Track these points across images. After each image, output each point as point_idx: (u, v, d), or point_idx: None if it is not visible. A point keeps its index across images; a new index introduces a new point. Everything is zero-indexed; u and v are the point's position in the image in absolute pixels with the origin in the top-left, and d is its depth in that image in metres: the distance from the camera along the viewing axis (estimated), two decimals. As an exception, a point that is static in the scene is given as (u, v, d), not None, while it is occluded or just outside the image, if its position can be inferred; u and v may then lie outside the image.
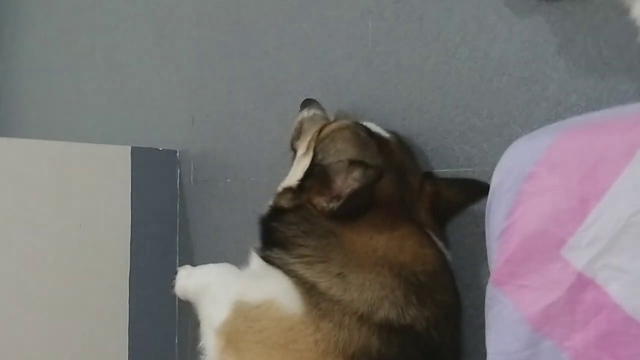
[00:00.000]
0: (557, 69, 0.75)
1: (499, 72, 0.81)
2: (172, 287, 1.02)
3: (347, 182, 0.80)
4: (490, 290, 0.63)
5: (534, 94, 0.77)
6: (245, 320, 0.85)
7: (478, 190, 0.84)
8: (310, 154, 0.90)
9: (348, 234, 0.81)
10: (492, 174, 0.71)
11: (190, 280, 0.98)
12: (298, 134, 1.00)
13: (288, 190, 0.89)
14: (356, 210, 0.79)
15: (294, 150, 1.00)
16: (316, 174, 0.84)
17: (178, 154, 1.51)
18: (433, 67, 0.89)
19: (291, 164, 0.99)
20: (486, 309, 0.64)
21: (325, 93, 1.04)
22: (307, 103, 1.03)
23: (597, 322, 0.54)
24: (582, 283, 0.54)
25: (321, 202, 0.82)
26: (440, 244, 0.85)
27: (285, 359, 0.79)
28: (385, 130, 0.93)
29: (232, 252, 1.27)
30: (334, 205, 0.80)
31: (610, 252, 0.53)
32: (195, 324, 0.95)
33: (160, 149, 1.51)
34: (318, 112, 1.01)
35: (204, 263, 1.22)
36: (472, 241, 0.82)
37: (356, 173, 0.79)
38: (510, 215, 0.60)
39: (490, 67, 0.82)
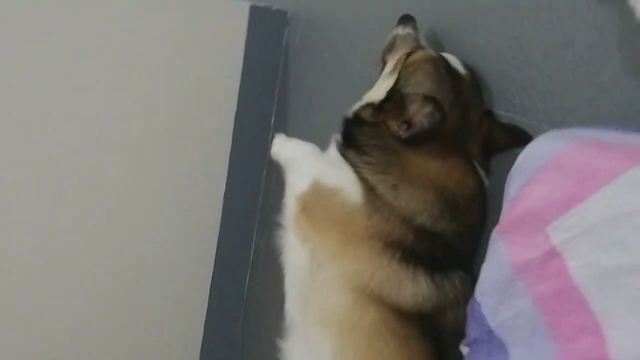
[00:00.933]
0: (613, 60, 0.87)
1: (567, 45, 0.93)
2: (269, 149, 1.29)
3: (418, 116, 0.99)
4: (494, 234, 0.85)
5: (586, 76, 0.90)
6: (318, 197, 1.12)
7: (522, 140, 1.00)
8: (395, 76, 1.08)
9: (409, 156, 1.02)
10: (537, 128, 0.90)
11: (282, 150, 1.24)
12: (390, 49, 1.16)
13: (370, 105, 1.08)
14: (420, 139, 0.99)
15: (384, 62, 1.17)
16: (394, 100, 1.02)
17: (288, 15, 1.67)
18: (517, 19, 1.01)
19: (379, 75, 1.17)
20: (489, 244, 0.87)
21: (421, 9, 1.16)
22: (405, 20, 1.16)
23: (555, 282, 0.76)
24: (554, 253, 0.76)
25: (393, 125, 1.02)
26: (482, 174, 1.05)
27: (340, 233, 1.07)
28: (463, 64, 1.07)
29: (319, 121, 1.50)
30: (403, 132, 1.00)
31: (579, 240, 0.74)
32: (281, 183, 1.23)
33: (274, 8, 1.67)
34: (412, 32, 1.14)
35: (294, 126, 1.48)
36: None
37: (427, 109, 0.97)
38: (522, 189, 0.80)
39: (562, 37, 0.94)
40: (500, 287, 0.83)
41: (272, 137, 1.32)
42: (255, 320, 1.86)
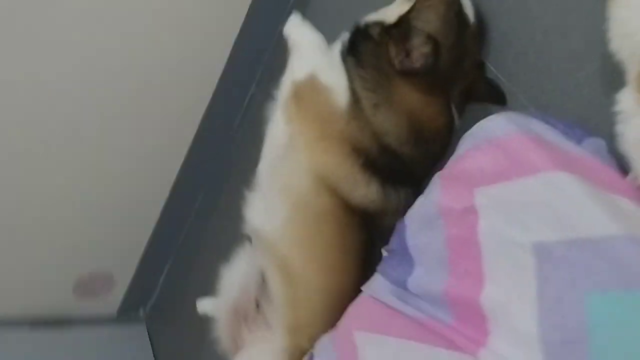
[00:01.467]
0: (592, 61, 0.97)
1: (565, 34, 1.02)
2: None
3: (417, 51, 1.09)
4: (436, 176, 1.02)
5: (568, 70, 1.01)
6: (311, 89, 1.25)
7: (498, 100, 1.14)
8: (411, 4, 1.16)
9: (397, 83, 1.14)
10: (514, 96, 1.03)
11: (294, 31, 1.34)
12: None
13: (380, 24, 1.17)
14: (411, 74, 1.11)
15: None
16: (402, 28, 1.12)
17: None
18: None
19: None
20: (430, 182, 1.04)
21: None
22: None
23: (465, 231, 0.94)
24: (472, 210, 0.93)
25: (393, 51, 1.12)
26: (455, 116, 1.19)
27: (319, 128, 1.22)
28: (476, 13, 1.15)
29: (336, 12, 1.56)
30: (399, 61, 1.11)
31: (494, 208, 0.91)
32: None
33: None
34: None
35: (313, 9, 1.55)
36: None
37: (426, 49, 1.08)
38: (467, 151, 0.96)
39: (564, 25, 1.03)
40: (425, 218, 1.01)
41: (290, 11, 1.39)
42: (242, 154, 2.03)
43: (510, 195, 0.87)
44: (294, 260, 1.26)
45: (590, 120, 0.95)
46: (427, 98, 1.13)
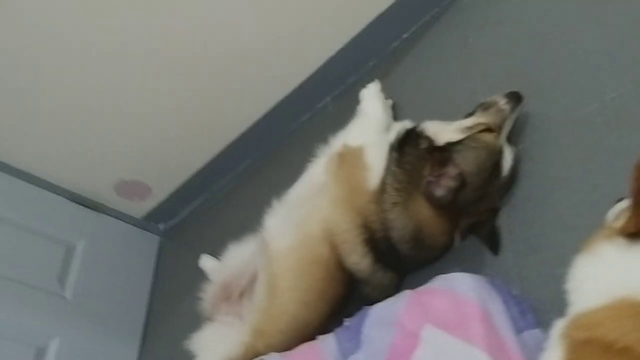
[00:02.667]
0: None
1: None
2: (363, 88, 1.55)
3: (444, 182, 1.26)
4: (407, 291, 1.21)
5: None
6: (356, 159, 1.42)
7: (493, 249, 1.30)
8: (462, 137, 1.31)
9: (418, 195, 1.30)
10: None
11: (368, 99, 1.52)
12: (485, 108, 1.35)
13: (430, 140, 1.33)
14: (430, 197, 1.27)
15: (471, 113, 1.38)
16: (443, 156, 1.28)
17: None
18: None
19: (460, 118, 1.37)
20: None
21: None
22: (512, 97, 1.34)
23: (407, 346, 1.13)
24: (417, 337, 1.13)
25: (427, 171, 1.28)
26: (456, 239, 1.35)
27: (346, 193, 1.40)
28: (512, 167, 1.30)
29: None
30: (427, 182, 1.27)
31: (430, 346, 1.10)
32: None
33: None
34: (507, 109, 1.32)
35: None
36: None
37: (452, 184, 1.24)
38: (438, 290, 1.15)
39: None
40: (383, 319, 1.21)
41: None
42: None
43: (445, 345, 1.06)
44: (281, 282, 1.48)
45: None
46: (437, 219, 1.29)
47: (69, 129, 2.15)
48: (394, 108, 1.76)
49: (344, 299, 1.44)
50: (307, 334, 1.44)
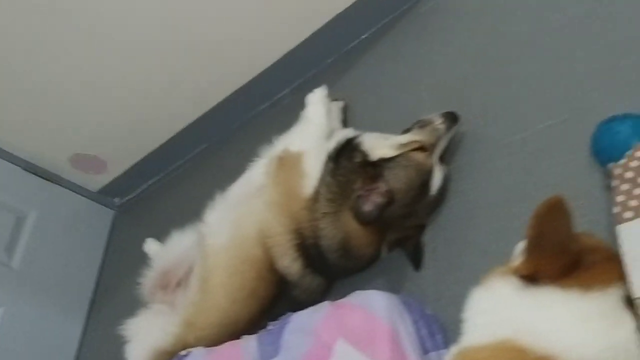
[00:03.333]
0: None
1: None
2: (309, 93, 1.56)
3: (373, 198, 1.28)
4: (328, 303, 1.25)
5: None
6: (294, 164, 1.44)
7: (415, 265, 1.34)
8: (396, 154, 1.33)
9: (348, 208, 1.34)
10: None
11: (312, 106, 1.53)
12: (420, 126, 1.37)
13: (364, 155, 1.35)
14: (357, 213, 1.29)
15: (408, 129, 1.40)
16: (374, 172, 1.30)
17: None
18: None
19: (406, 125, 1.39)
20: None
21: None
22: (448, 118, 1.36)
23: (321, 357, 1.18)
24: (331, 349, 1.16)
25: (358, 185, 1.31)
26: (384, 252, 1.39)
27: (282, 198, 1.42)
28: (441, 187, 1.33)
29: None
30: (356, 197, 1.29)
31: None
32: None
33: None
34: (442, 129, 1.35)
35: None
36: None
37: (380, 200, 1.27)
38: (355, 306, 1.18)
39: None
40: (303, 327, 1.25)
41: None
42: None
43: (354, 361, 1.10)
44: (215, 278, 1.51)
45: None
46: (365, 232, 1.32)
47: (27, 98, 2.13)
48: (345, 109, 1.77)
49: (274, 299, 1.48)
50: (237, 329, 1.47)
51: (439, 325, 1.17)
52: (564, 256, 0.85)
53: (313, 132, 1.46)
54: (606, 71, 1.19)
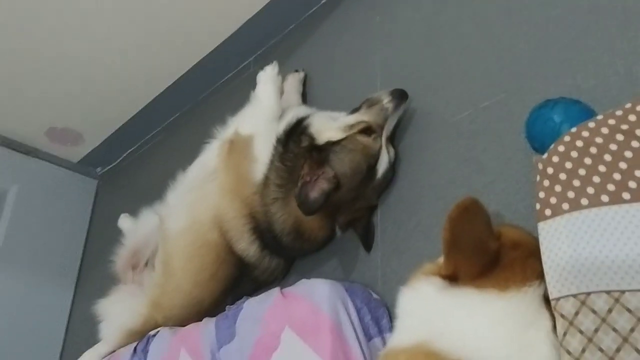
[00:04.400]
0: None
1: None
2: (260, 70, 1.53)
3: (319, 182, 1.27)
4: (277, 289, 1.26)
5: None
6: (244, 148, 1.43)
7: (366, 246, 1.34)
8: (344, 136, 1.31)
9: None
10: None
11: (262, 85, 1.50)
12: (369, 105, 1.35)
13: (311, 139, 1.33)
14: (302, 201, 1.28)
15: (357, 108, 1.37)
16: (321, 157, 1.28)
17: None
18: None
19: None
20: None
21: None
22: (396, 96, 1.33)
23: (268, 346, 1.20)
24: (278, 338, 1.19)
25: (305, 168, 1.29)
26: (338, 233, 1.39)
27: (234, 183, 1.42)
28: (387, 170, 1.31)
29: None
30: (302, 184, 1.28)
31: (287, 350, 1.17)
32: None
33: None
34: (391, 108, 1.32)
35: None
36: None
37: (326, 186, 1.25)
38: (302, 295, 1.19)
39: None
40: (253, 314, 1.27)
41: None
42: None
43: (298, 351, 1.13)
44: (175, 262, 1.53)
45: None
46: (315, 216, 1.32)
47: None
48: (305, 81, 1.74)
49: (236, 279, 1.50)
50: (202, 309, 1.51)
51: (385, 309, 1.18)
52: (481, 256, 0.84)
53: (263, 114, 1.44)
54: (546, 50, 1.15)
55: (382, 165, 1.29)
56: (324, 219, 1.33)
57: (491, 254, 0.85)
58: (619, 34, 1.05)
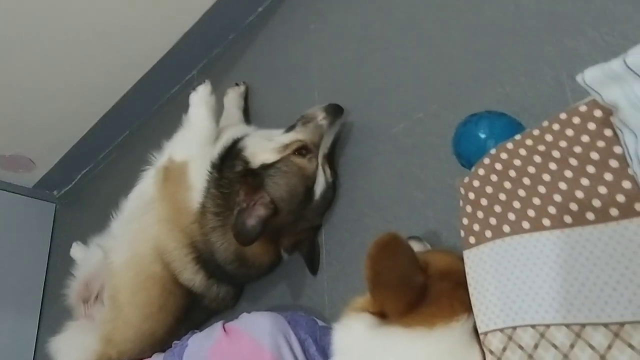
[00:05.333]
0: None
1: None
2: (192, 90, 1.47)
3: (254, 209, 1.22)
4: (220, 323, 1.21)
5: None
6: (179, 176, 1.37)
7: (311, 269, 1.30)
8: (278, 158, 1.26)
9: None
10: None
11: (195, 107, 1.43)
12: (304, 122, 1.29)
13: (245, 163, 1.27)
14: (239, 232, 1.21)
15: (293, 126, 1.32)
16: (256, 182, 1.23)
17: None
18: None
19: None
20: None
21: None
22: (330, 112, 1.28)
23: None
24: None
25: (241, 196, 1.24)
26: (285, 256, 1.34)
27: (172, 212, 1.36)
28: (325, 191, 1.26)
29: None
30: (237, 209, 1.23)
31: None
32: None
33: None
34: (325, 125, 1.28)
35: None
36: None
37: (262, 213, 1.20)
38: (243, 331, 1.15)
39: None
40: (197, 354, 1.22)
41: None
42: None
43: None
44: (122, 296, 1.47)
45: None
46: (257, 242, 1.27)
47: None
48: (247, 94, 1.69)
49: (186, 309, 1.45)
50: (157, 340, 1.46)
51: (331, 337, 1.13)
52: (406, 292, 0.80)
53: (196, 138, 1.38)
54: (476, 58, 1.11)
55: (320, 186, 1.24)
56: (267, 244, 1.28)
57: (417, 288, 0.80)
58: (546, 38, 1.01)
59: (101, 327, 1.53)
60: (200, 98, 1.41)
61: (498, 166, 0.79)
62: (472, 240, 0.81)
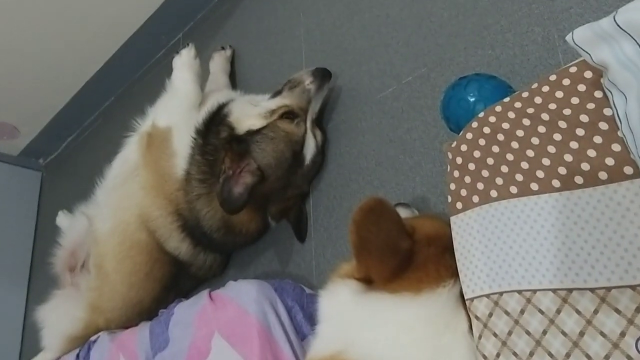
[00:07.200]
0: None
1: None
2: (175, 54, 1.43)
3: (240, 176, 1.20)
4: (207, 291, 1.20)
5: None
6: (162, 142, 1.34)
7: (299, 236, 1.28)
8: (265, 123, 1.23)
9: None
10: None
11: (178, 72, 1.39)
12: (290, 87, 1.26)
13: (230, 129, 1.24)
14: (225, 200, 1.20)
15: (279, 91, 1.29)
16: (241, 148, 1.21)
17: None
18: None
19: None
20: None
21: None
22: (318, 76, 1.25)
23: (201, 352, 1.16)
24: (209, 344, 1.14)
25: (227, 162, 1.21)
26: (272, 223, 1.32)
27: (156, 179, 1.33)
28: (315, 155, 1.24)
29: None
30: (223, 176, 1.21)
31: (217, 356, 1.12)
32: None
33: None
34: (313, 90, 1.25)
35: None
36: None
37: (249, 180, 1.18)
38: (229, 299, 1.14)
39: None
40: (184, 319, 1.21)
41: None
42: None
43: (228, 359, 1.08)
44: (108, 264, 1.46)
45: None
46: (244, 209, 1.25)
47: None
48: (233, 58, 1.65)
49: (174, 277, 1.44)
50: (144, 308, 1.45)
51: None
52: (392, 257, 0.78)
53: (180, 103, 1.34)
54: (465, 19, 1.07)
55: (309, 151, 1.22)
56: (254, 211, 1.27)
57: (403, 253, 0.79)
58: (536, -4, 0.97)
59: (87, 295, 1.52)
60: (184, 62, 1.37)
61: (486, 130, 0.77)
62: (459, 205, 0.79)
